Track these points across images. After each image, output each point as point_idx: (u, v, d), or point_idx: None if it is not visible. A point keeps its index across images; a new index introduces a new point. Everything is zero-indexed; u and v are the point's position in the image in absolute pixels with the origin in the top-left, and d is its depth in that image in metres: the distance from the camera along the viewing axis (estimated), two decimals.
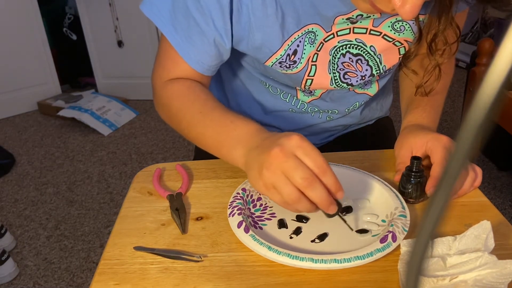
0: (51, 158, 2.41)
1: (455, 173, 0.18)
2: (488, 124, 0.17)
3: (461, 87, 2.73)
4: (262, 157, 0.55)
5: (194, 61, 0.71)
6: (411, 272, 0.21)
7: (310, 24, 0.68)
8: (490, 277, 0.48)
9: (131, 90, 3.01)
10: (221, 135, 0.65)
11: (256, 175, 0.55)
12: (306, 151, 0.53)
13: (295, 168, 0.52)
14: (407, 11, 0.52)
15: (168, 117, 0.76)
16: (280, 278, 0.54)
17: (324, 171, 0.53)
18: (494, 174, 2.05)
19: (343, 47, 0.73)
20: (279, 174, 0.52)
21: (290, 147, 0.53)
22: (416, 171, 0.64)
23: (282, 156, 0.52)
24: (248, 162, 0.59)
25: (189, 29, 0.67)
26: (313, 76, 0.75)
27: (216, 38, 0.67)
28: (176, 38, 0.69)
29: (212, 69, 0.73)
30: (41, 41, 2.90)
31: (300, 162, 0.52)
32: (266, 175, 0.53)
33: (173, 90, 0.73)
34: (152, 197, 0.70)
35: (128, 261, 0.58)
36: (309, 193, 0.52)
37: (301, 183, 0.51)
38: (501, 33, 0.17)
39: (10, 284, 1.59)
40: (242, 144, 0.61)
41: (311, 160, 0.53)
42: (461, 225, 0.61)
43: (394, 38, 0.72)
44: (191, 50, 0.69)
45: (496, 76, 0.16)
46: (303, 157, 0.53)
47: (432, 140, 0.67)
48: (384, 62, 0.76)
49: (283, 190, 0.52)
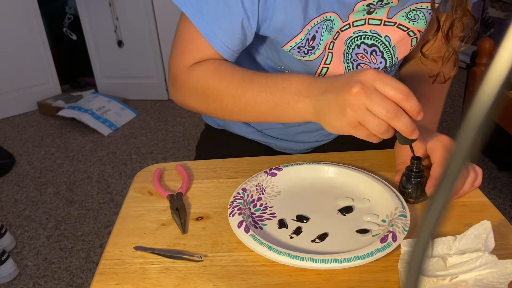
0: (51, 158, 2.41)
1: (455, 173, 0.18)
2: (488, 124, 0.17)
3: (461, 87, 2.73)
4: (341, 97, 0.56)
5: (221, 45, 0.69)
6: (411, 272, 0.21)
7: (328, 12, 0.69)
8: (490, 277, 0.48)
9: (131, 90, 3.01)
10: (276, 94, 0.64)
11: (339, 115, 0.56)
12: (385, 81, 0.54)
13: (379, 103, 0.53)
14: None
15: (203, 101, 0.73)
16: (281, 278, 0.54)
17: (407, 95, 0.54)
18: (494, 174, 2.05)
19: (358, 38, 0.73)
20: (364, 110, 0.54)
21: (369, 81, 0.54)
22: (416, 171, 0.64)
23: (363, 92, 0.54)
24: (321, 107, 0.59)
25: (217, 11, 0.67)
26: (329, 64, 0.75)
27: (244, 19, 0.67)
28: (202, 23, 0.68)
29: (235, 54, 0.72)
30: (41, 41, 2.90)
31: (381, 96, 0.54)
32: (350, 113, 0.55)
33: (205, 70, 0.71)
34: (153, 197, 0.70)
35: (129, 261, 0.58)
36: (395, 123, 0.54)
37: (387, 115, 0.53)
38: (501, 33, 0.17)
39: (10, 284, 1.59)
40: (304, 94, 0.61)
41: (392, 88, 0.54)
42: (461, 225, 0.61)
43: (408, 28, 0.73)
44: (217, 33, 0.68)
45: (496, 76, 0.16)
46: (384, 87, 0.54)
47: (432, 140, 0.67)
48: (397, 53, 0.76)
49: (370, 125, 0.55)
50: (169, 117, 2.78)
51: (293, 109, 0.63)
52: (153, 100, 3.01)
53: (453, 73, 0.76)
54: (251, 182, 0.68)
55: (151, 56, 2.89)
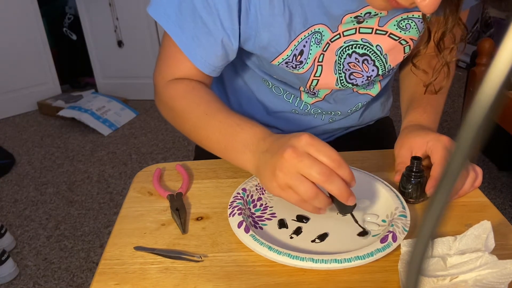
0: (51, 158, 2.41)
1: (455, 173, 0.18)
2: (488, 124, 0.17)
3: (461, 87, 2.73)
4: (274, 159, 0.55)
5: (200, 62, 0.70)
6: (412, 272, 0.21)
7: (316, 25, 0.68)
8: (490, 277, 0.48)
9: (131, 90, 3.01)
10: (227, 139, 0.65)
11: (270, 177, 0.56)
12: (318, 148, 0.54)
13: (310, 166, 0.52)
14: (428, 4, 0.52)
15: (171, 117, 0.76)
16: (281, 278, 0.54)
17: (339, 164, 0.54)
18: (494, 174, 2.05)
19: (349, 47, 0.73)
20: (294, 173, 0.53)
21: (301, 146, 0.54)
22: (417, 171, 0.64)
23: (295, 156, 0.53)
24: (260, 165, 0.59)
25: (196, 29, 0.67)
26: (319, 76, 0.75)
27: (223, 38, 0.67)
28: (182, 39, 0.68)
29: (217, 70, 0.73)
30: (41, 41, 2.90)
31: (314, 159, 0.53)
32: (280, 176, 0.54)
33: (177, 91, 0.72)
34: (152, 197, 0.70)
35: (128, 261, 0.58)
36: (329, 187, 0.53)
37: (319, 178, 0.52)
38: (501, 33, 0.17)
39: (10, 284, 1.59)
40: (249, 148, 0.61)
41: (325, 155, 0.53)
42: (462, 225, 0.61)
43: (400, 37, 0.72)
44: (197, 50, 0.69)
45: (496, 76, 0.16)
46: (316, 154, 0.54)
47: (432, 140, 0.67)
48: (389, 61, 0.76)
49: (299, 188, 0.53)
50: None
51: (237, 159, 0.64)
52: (153, 100, 2.99)
53: (444, 83, 0.75)
54: (251, 182, 0.68)
55: (151, 56, 2.89)
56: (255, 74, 0.83)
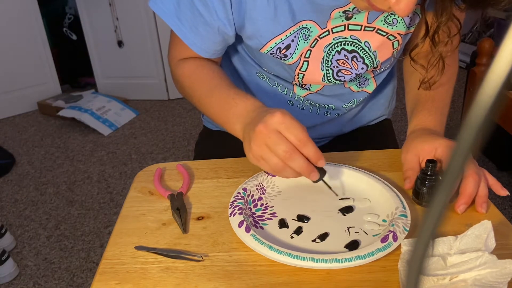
0: (51, 158, 2.41)
1: (455, 173, 0.18)
2: (488, 124, 0.17)
3: (461, 87, 2.73)
4: (251, 132, 0.60)
5: (200, 48, 0.76)
6: (412, 271, 0.21)
7: (304, 20, 0.70)
8: (490, 276, 0.48)
9: (131, 90, 3.01)
10: (224, 112, 0.70)
11: (248, 148, 0.61)
12: (287, 126, 0.58)
13: (276, 143, 0.57)
14: (402, 8, 0.54)
15: (183, 94, 0.82)
16: (281, 277, 0.54)
17: (304, 143, 0.58)
18: (494, 174, 2.03)
19: (338, 44, 0.74)
20: (264, 147, 0.59)
21: (272, 123, 0.58)
22: (431, 174, 0.63)
23: (265, 132, 0.58)
24: (244, 136, 0.64)
25: (194, 20, 0.71)
26: (304, 71, 0.78)
27: (220, 26, 0.71)
28: (181, 29, 0.74)
29: (218, 52, 0.78)
30: (41, 41, 2.90)
31: (281, 137, 0.58)
32: (254, 148, 0.60)
33: (184, 69, 0.78)
34: (153, 197, 0.71)
35: (129, 260, 0.58)
36: (291, 164, 0.58)
37: (283, 155, 0.57)
38: (501, 33, 0.17)
39: (10, 284, 1.59)
40: (240, 119, 0.67)
41: (291, 134, 0.58)
42: (462, 225, 0.61)
43: (387, 32, 0.73)
44: (197, 39, 0.74)
45: (496, 76, 0.16)
46: (285, 131, 0.58)
47: (441, 147, 0.66)
48: (378, 57, 0.77)
49: (270, 161, 0.59)
50: (169, 117, 2.78)
51: (232, 130, 0.69)
52: (153, 100, 3.01)
53: (438, 78, 0.75)
54: (252, 182, 0.68)
55: (151, 56, 2.89)
56: (250, 66, 0.85)
